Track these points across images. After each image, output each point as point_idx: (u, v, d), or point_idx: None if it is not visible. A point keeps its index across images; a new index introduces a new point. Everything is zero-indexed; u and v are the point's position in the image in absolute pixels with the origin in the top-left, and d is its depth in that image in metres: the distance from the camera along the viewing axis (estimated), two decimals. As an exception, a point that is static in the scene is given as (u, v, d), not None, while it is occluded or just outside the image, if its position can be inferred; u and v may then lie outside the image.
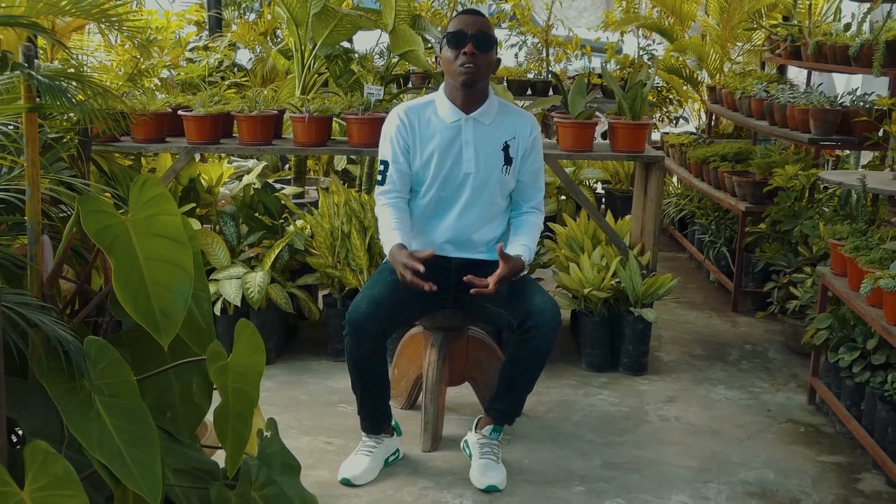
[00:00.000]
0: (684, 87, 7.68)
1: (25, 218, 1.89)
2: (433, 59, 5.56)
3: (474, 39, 3.15)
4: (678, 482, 3.25)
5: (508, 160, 3.29)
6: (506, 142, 3.29)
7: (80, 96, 1.75)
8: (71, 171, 2.39)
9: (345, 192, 4.27)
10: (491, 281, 3.09)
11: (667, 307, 5.14)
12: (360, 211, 4.17)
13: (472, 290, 3.10)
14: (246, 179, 4.73)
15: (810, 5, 6.68)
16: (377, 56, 6.29)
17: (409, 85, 7.25)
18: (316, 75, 5.27)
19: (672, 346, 4.60)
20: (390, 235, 3.20)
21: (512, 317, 3.18)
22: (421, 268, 3.02)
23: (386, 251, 3.19)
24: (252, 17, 7.59)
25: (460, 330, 3.55)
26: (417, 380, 3.70)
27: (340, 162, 6.20)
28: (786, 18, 6.82)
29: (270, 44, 6.99)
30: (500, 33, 8.20)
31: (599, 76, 6.79)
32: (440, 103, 3.30)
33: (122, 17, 2.19)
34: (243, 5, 7.75)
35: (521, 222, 3.37)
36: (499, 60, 3.34)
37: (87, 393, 1.72)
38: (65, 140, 2.43)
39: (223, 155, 5.06)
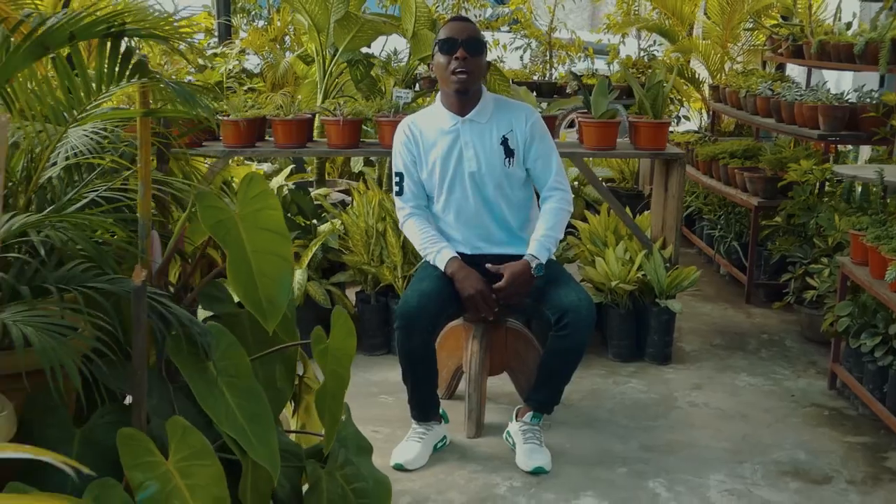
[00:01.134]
0: (685, 87, 7.86)
1: (137, 215, 2.03)
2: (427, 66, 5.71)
3: (465, 45, 3.31)
4: (714, 463, 3.40)
5: (509, 152, 3.43)
6: (503, 136, 3.42)
7: (207, 101, 1.88)
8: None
9: (378, 191, 4.40)
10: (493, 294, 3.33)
11: (683, 300, 5.29)
12: (393, 210, 4.30)
13: (465, 297, 3.32)
14: (275, 181, 4.85)
15: (810, 5, 6.88)
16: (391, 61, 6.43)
17: (416, 88, 7.40)
18: (336, 80, 5.41)
19: (692, 337, 4.76)
20: (436, 247, 3.39)
21: (549, 313, 3.32)
22: (495, 307, 3.32)
23: (437, 263, 3.36)
24: (261, 23, 7.72)
25: (500, 322, 3.69)
26: (457, 371, 3.85)
27: (357, 164, 6.33)
28: (784, 18, 7.00)
29: (280, 49, 7.12)
30: (503, 37, 8.38)
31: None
32: (438, 112, 3.47)
33: (191, 33, 2.33)
34: (252, 12, 7.88)
35: (543, 212, 3.48)
36: (489, 64, 3.51)
37: (212, 373, 1.85)
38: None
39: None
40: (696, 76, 7.70)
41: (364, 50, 5.49)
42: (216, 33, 7.32)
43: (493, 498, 3.13)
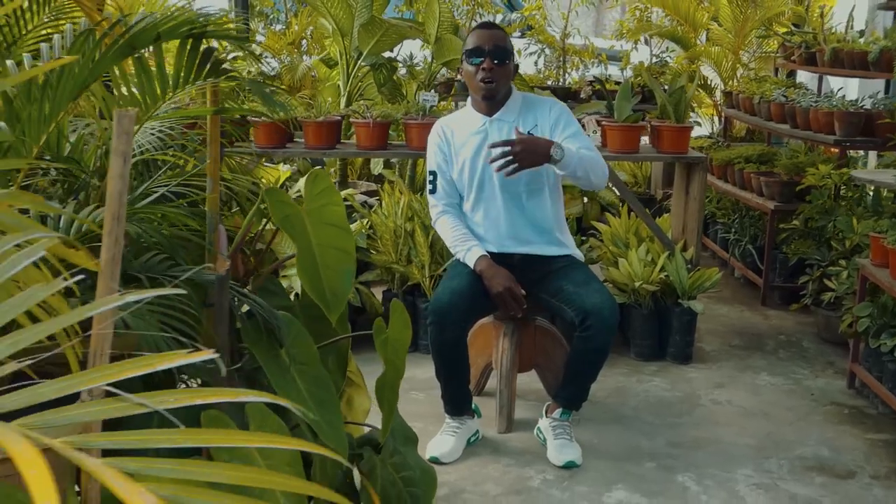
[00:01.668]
0: (697, 92, 7.95)
1: (206, 209, 2.11)
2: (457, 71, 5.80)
3: (491, 54, 3.39)
4: (740, 458, 3.49)
5: None
6: (528, 131, 3.49)
7: (286, 99, 1.96)
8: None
9: (407, 192, 4.49)
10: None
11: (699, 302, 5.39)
12: (420, 210, 4.39)
13: (493, 294, 3.38)
14: (301, 182, 4.94)
15: (822, 13, 6.98)
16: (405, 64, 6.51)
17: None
18: (359, 83, 5.50)
19: (711, 338, 4.85)
20: (465, 245, 3.47)
21: (573, 314, 3.40)
22: (524, 304, 3.40)
23: (467, 261, 3.44)
24: (279, 27, 7.81)
25: (528, 320, 3.77)
26: (486, 368, 3.93)
27: (377, 166, 6.42)
28: (796, 26, 7.10)
29: (297, 53, 7.21)
30: (518, 42, 8.46)
31: (617, 83, 7.08)
32: (468, 114, 3.58)
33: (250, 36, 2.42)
34: (270, 16, 7.98)
35: None
36: (517, 66, 3.60)
37: (284, 361, 1.94)
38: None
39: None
40: (708, 82, 7.81)
41: (385, 54, 5.59)
42: (234, 36, 7.39)
43: (527, 490, 3.21)
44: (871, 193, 5.02)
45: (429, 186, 3.59)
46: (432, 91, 4.98)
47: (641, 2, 8.18)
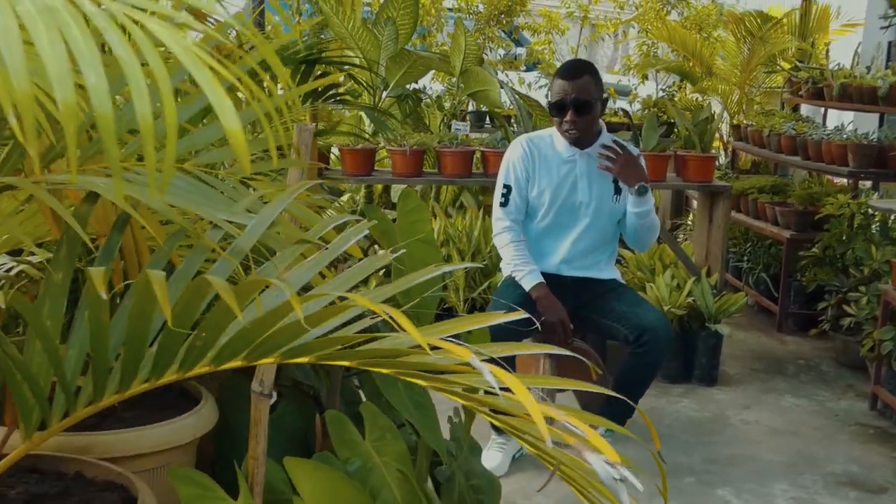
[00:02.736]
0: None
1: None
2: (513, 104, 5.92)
3: (574, 106, 3.48)
4: (775, 474, 3.62)
5: (618, 190, 3.66)
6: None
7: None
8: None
9: (443, 217, 4.63)
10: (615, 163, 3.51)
11: (725, 325, 5.53)
12: (455, 236, 4.53)
13: (543, 320, 3.48)
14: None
15: (828, 51, 7.21)
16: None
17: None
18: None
19: (733, 361, 4.98)
20: (527, 269, 3.56)
21: (627, 331, 3.53)
22: (571, 339, 3.54)
23: (524, 283, 3.54)
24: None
25: (568, 342, 3.90)
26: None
27: (397, 193, 6.56)
28: (800, 61, 7.32)
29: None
30: (528, 76, 8.67)
31: (627, 115, 7.29)
32: (557, 139, 3.66)
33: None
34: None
35: None
36: (605, 101, 3.70)
37: (388, 366, 2.06)
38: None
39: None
40: (713, 115, 8.01)
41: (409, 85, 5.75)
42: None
43: (578, 502, 3.32)
44: (879, 223, 5.19)
45: (500, 199, 3.64)
46: (462, 122, 5.12)
47: (649, 37, 8.41)
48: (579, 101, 3.48)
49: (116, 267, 1.43)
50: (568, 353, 1.47)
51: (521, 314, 1.34)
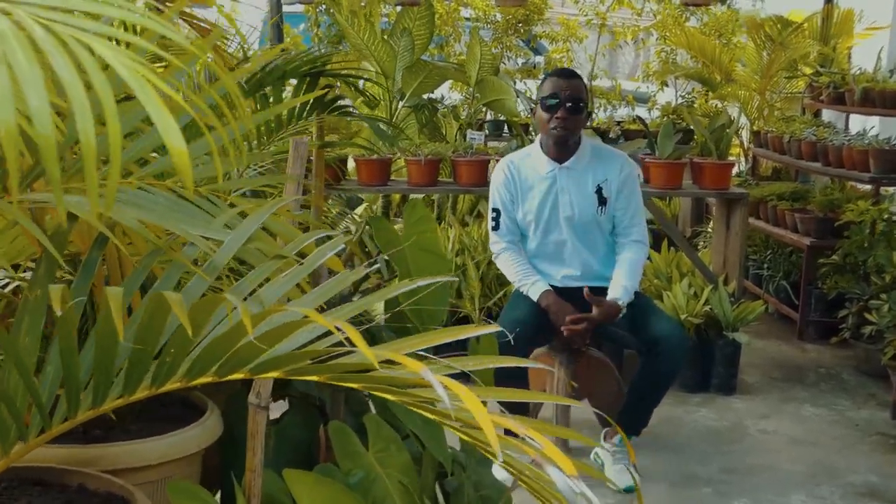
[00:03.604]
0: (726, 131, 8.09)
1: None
2: (529, 112, 5.94)
3: (566, 104, 3.49)
4: (793, 484, 3.58)
5: (603, 201, 3.63)
6: (598, 185, 3.62)
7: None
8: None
9: (458, 227, 4.62)
10: (585, 324, 3.47)
11: (744, 334, 5.49)
12: (470, 245, 4.52)
13: (562, 328, 3.47)
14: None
15: (850, 55, 7.15)
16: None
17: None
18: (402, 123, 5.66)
19: (752, 370, 4.94)
20: (530, 280, 3.58)
21: (641, 342, 3.52)
22: (587, 339, 3.54)
23: (531, 294, 3.55)
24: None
25: (582, 350, 3.88)
26: (539, 397, 4.03)
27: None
28: (822, 66, 7.26)
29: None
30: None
31: (643, 122, 7.26)
32: (537, 156, 3.66)
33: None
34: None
35: (621, 260, 3.64)
36: (589, 113, 3.71)
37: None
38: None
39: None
40: (733, 121, 7.95)
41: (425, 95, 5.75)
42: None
43: (590, 513, 3.30)
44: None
45: (491, 223, 3.69)
46: (478, 131, 5.12)
47: (667, 44, 8.38)
48: (573, 98, 3.49)
49: (99, 283, 1.45)
50: (536, 364, 1.44)
51: (494, 328, 1.35)
